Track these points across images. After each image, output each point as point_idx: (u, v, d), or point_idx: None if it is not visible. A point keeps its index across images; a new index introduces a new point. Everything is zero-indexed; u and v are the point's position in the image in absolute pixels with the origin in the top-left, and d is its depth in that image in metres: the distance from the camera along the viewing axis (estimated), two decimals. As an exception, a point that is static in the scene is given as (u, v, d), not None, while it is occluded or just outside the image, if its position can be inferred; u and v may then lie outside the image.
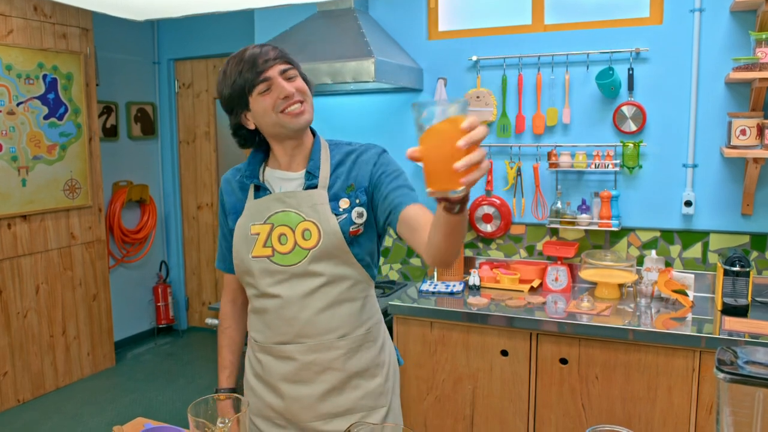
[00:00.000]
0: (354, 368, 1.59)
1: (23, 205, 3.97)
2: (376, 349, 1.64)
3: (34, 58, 3.98)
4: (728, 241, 2.83)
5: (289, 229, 1.54)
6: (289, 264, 1.54)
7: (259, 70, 1.47)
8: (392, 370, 1.71)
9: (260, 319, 1.62)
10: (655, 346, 2.39)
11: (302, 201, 1.55)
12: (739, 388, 0.95)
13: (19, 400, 4.02)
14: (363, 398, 1.61)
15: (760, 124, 2.54)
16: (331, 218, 1.53)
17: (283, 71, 1.49)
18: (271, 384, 1.62)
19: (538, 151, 3.07)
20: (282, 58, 1.50)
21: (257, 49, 1.50)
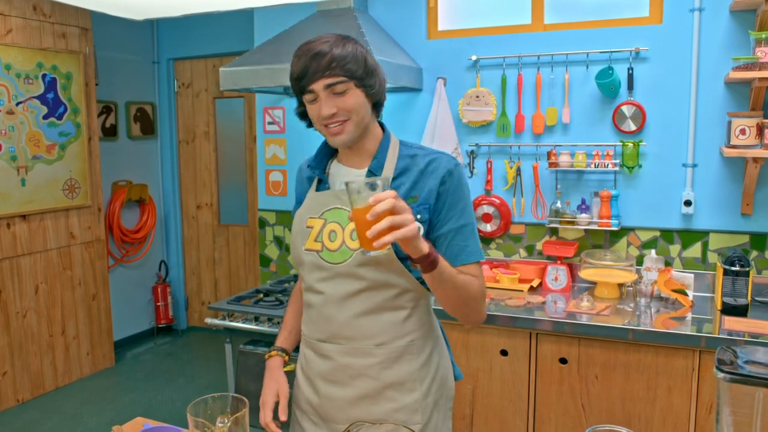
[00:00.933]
0: (390, 379, 1.54)
1: (22, 205, 3.96)
2: (418, 363, 1.55)
3: (34, 57, 3.98)
4: (728, 241, 2.83)
5: (339, 227, 1.51)
6: (335, 262, 1.51)
7: (304, 84, 1.44)
8: (437, 386, 1.61)
9: (307, 312, 1.61)
10: (655, 345, 2.39)
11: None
12: (739, 388, 0.94)
13: (19, 400, 4.02)
14: (397, 411, 1.55)
15: (760, 123, 2.54)
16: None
17: (329, 85, 1.43)
18: (310, 379, 1.61)
19: (537, 150, 3.07)
20: (331, 70, 1.42)
21: (306, 59, 1.43)
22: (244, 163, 5.14)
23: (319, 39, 1.45)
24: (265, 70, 2.92)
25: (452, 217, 1.49)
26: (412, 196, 1.49)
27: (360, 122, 1.48)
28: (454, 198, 1.50)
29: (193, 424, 1.19)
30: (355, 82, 1.44)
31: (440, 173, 1.49)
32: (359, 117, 1.47)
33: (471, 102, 3.13)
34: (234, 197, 5.25)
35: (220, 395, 1.26)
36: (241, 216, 5.21)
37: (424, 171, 1.51)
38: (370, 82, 1.47)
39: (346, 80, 1.43)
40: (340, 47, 1.43)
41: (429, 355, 1.59)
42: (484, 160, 3.18)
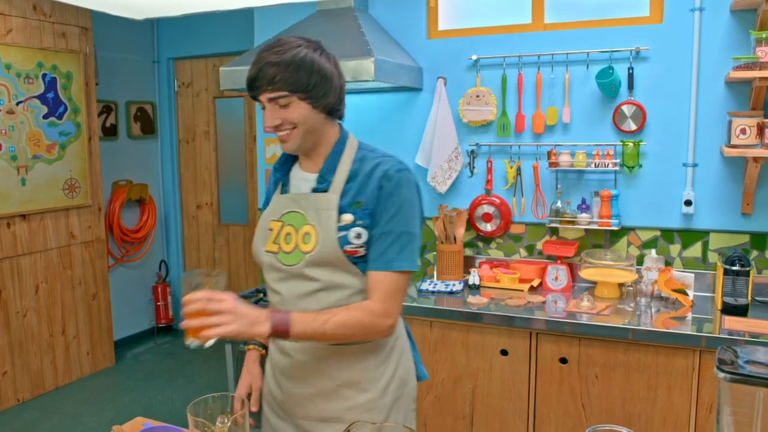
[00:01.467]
0: (344, 378, 1.57)
1: (22, 205, 3.96)
2: (373, 363, 1.59)
3: (34, 57, 3.98)
4: (728, 241, 2.83)
5: (294, 230, 1.55)
6: (289, 264, 1.55)
7: (252, 95, 1.50)
8: (395, 386, 1.63)
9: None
10: (655, 345, 2.39)
11: (310, 204, 1.54)
12: (739, 388, 0.94)
13: (19, 400, 4.02)
14: (351, 410, 1.57)
15: (760, 123, 2.53)
16: (331, 226, 1.50)
17: (272, 99, 1.47)
18: (274, 374, 1.66)
19: (537, 150, 3.06)
20: (274, 85, 1.45)
21: (255, 70, 1.47)
22: (244, 163, 5.14)
23: (272, 47, 1.48)
24: (265, 70, 2.92)
25: (381, 221, 1.50)
26: (357, 202, 1.51)
27: (308, 131, 1.51)
28: (387, 203, 1.50)
29: (193, 423, 1.19)
30: (299, 96, 1.46)
31: (379, 176, 1.51)
32: (305, 127, 1.50)
33: (471, 101, 3.12)
34: (234, 197, 5.25)
35: (220, 395, 1.26)
36: (241, 215, 5.20)
37: (370, 175, 1.52)
38: (317, 93, 1.48)
39: (288, 95, 1.45)
40: (289, 55, 1.44)
41: (386, 356, 1.62)
42: (484, 160, 3.18)
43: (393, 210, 1.50)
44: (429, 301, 2.79)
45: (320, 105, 1.50)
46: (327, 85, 1.49)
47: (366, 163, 1.54)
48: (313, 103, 1.48)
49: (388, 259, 1.49)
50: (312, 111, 1.49)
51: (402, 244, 1.50)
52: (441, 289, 2.93)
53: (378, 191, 1.50)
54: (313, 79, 1.46)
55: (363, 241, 1.50)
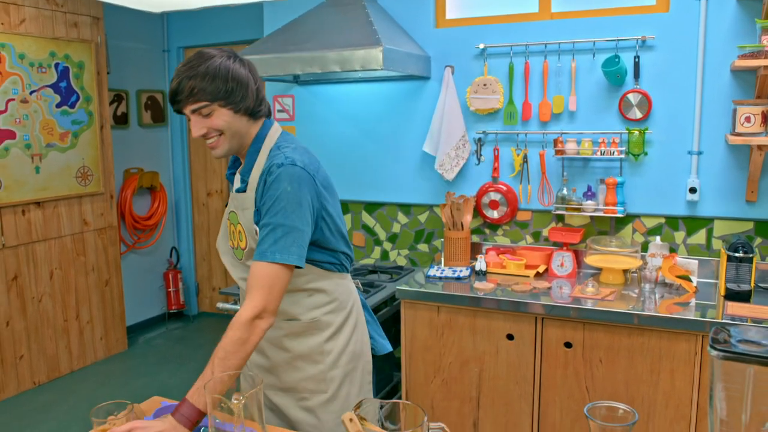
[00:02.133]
0: (297, 351, 1.72)
1: (37, 192, 4.03)
2: (322, 337, 1.72)
3: (47, 46, 4.03)
4: (732, 228, 2.86)
5: (235, 228, 1.71)
6: (239, 258, 1.74)
7: (175, 108, 1.59)
8: (346, 359, 1.76)
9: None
10: (658, 330, 2.43)
11: (238, 203, 1.67)
12: (731, 365, 0.99)
13: (35, 383, 4.11)
14: (304, 380, 1.73)
15: (765, 111, 2.56)
16: (252, 225, 1.63)
17: (195, 110, 1.55)
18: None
19: (544, 138, 3.10)
20: (194, 96, 1.52)
21: (174, 85, 1.55)
22: (253, 151, 5.19)
23: (189, 62, 1.55)
24: (276, 59, 2.97)
25: (262, 214, 1.57)
26: (258, 199, 1.62)
27: (233, 135, 1.60)
28: (266, 196, 1.57)
29: (210, 400, 1.25)
30: (219, 103, 1.55)
31: (265, 170, 1.59)
32: (230, 132, 1.59)
33: (478, 90, 3.16)
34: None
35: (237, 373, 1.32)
36: (251, 203, 5.26)
37: (268, 174, 1.59)
38: (235, 98, 1.56)
39: (209, 104, 1.54)
40: (203, 68, 1.52)
41: (336, 331, 1.74)
42: (491, 148, 3.21)
43: (270, 202, 1.55)
44: (436, 286, 2.84)
45: (240, 109, 1.59)
46: (244, 90, 1.58)
47: (267, 160, 1.61)
48: (234, 108, 1.57)
49: (262, 251, 1.52)
50: (234, 116, 1.58)
51: (277, 236, 1.52)
52: (448, 275, 2.98)
53: (263, 186, 1.58)
54: (229, 85, 1.55)
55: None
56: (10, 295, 3.94)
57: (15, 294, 3.96)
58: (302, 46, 2.96)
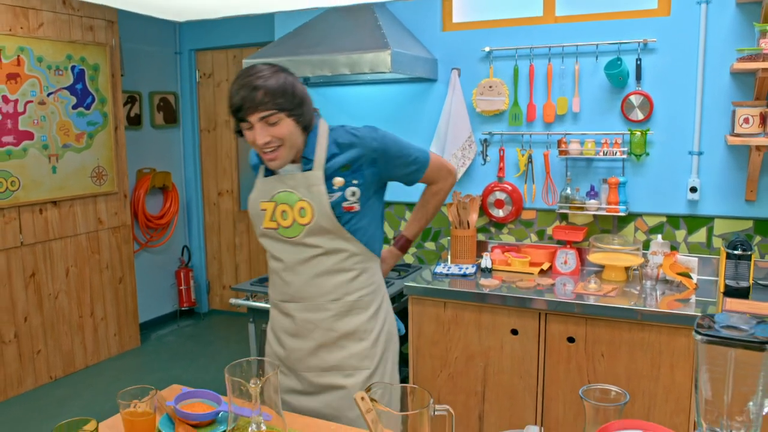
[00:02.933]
0: (342, 330, 1.82)
1: (53, 192, 4.14)
2: (366, 316, 1.84)
3: (63, 50, 4.14)
4: (732, 226, 2.93)
5: (288, 207, 1.77)
6: (290, 236, 1.79)
7: (241, 115, 1.67)
8: (384, 337, 1.89)
9: (271, 278, 1.89)
10: (659, 325, 2.50)
11: (299, 182, 1.76)
12: (714, 349, 1.07)
13: (52, 377, 4.22)
14: (349, 358, 1.83)
15: (763, 112, 2.62)
16: (323, 198, 1.74)
17: (263, 117, 1.66)
18: (277, 334, 1.88)
19: (548, 138, 3.18)
20: (265, 104, 1.64)
21: (244, 93, 1.64)
22: (263, 152, 5.28)
23: (255, 73, 1.67)
24: (287, 62, 3.05)
25: (393, 162, 1.85)
26: (345, 165, 1.78)
27: (292, 146, 1.74)
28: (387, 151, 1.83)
29: (230, 383, 1.33)
30: (286, 113, 1.68)
31: (369, 142, 1.81)
32: (291, 142, 1.72)
33: (484, 92, 3.24)
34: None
35: (254, 359, 1.40)
36: (261, 203, 5.35)
37: (354, 143, 1.80)
38: (299, 111, 1.71)
39: (277, 112, 1.66)
40: (273, 80, 1.65)
41: (376, 310, 1.87)
42: (496, 148, 3.29)
43: (394, 149, 1.84)
44: (443, 283, 2.92)
45: (302, 122, 1.73)
46: (305, 105, 1.74)
47: (341, 138, 1.80)
48: (296, 120, 1.71)
49: (423, 151, 1.94)
50: (296, 127, 1.72)
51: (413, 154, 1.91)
52: (455, 272, 3.06)
53: (374, 154, 1.79)
54: (296, 99, 1.69)
55: (357, 197, 1.78)
56: (28, 292, 4.05)
57: (32, 291, 4.07)
58: (313, 49, 3.05)
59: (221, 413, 1.57)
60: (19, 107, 3.89)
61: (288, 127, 1.69)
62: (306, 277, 1.80)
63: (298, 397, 1.87)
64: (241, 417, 1.39)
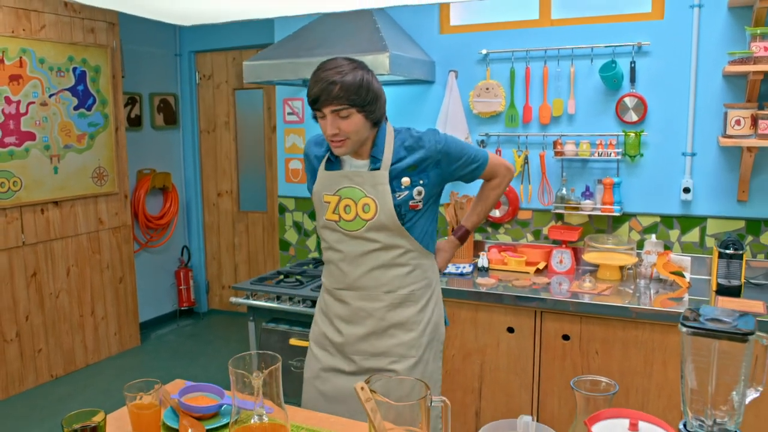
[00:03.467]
0: (393, 320, 1.92)
1: (55, 192, 4.18)
2: (416, 308, 1.94)
3: (65, 51, 4.18)
4: (725, 226, 2.98)
5: (352, 202, 1.88)
6: (350, 230, 1.89)
7: (317, 107, 1.78)
8: (431, 329, 1.99)
9: (327, 267, 2.00)
10: (652, 323, 2.55)
11: (366, 180, 1.87)
12: (699, 340, 1.11)
13: (53, 376, 4.26)
14: (397, 346, 1.93)
15: (754, 114, 2.68)
16: (387, 197, 1.85)
17: (335, 110, 1.76)
18: (330, 319, 2.00)
19: (544, 140, 3.23)
20: (339, 99, 1.74)
21: (322, 86, 1.74)
22: (262, 152, 5.33)
23: (335, 67, 1.77)
24: (287, 64, 3.10)
25: (456, 162, 1.96)
26: (411, 166, 1.88)
27: (358, 140, 1.83)
28: (450, 154, 1.93)
29: (234, 375, 1.38)
30: (357, 109, 1.78)
31: (432, 144, 1.91)
32: (357, 137, 1.82)
33: (481, 94, 3.29)
34: (253, 185, 5.45)
35: (256, 352, 1.44)
36: (260, 203, 5.40)
37: (418, 145, 1.91)
38: (371, 108, 1.80)
39: (349, 107, 1.76)
40: (350, 77, 1.75)
41: (426, 303, 1.97)
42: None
43: (455, 151, 1.95)
44: (441, 282, 2.96)
45: (372, 118, 1.83)
46: (379, 102, 1.84)
47: (407, 141, 1.91)
48: (367, 116, 1.81)
49: (483, 154, 2.04)
50: (365, 122, 1.81)
51: (473, 153, 2.01)
52: (452, 271, 3.10)
53: (438, 156, 1.90)
54: (369, 96, 1.79)
55: (422, 196, 1.89)
56: (29, 291, 4.09)
57: (34, 290, 4.11)
58: (313, 51, 3.09)
59: (224, 406, 1.62)
60: (21, 108, 3.93)
61: (357, 121, 1.79)
62: (363, 269, 1.90)
63: (342, 377, 1.98)
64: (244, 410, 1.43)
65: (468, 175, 2.03)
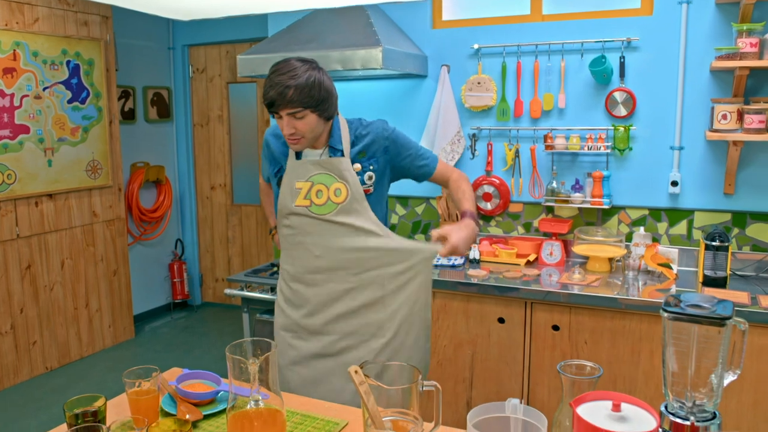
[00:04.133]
0: (362, 300, 2.03)
1: (49, 185, 4.20)
2: (385, 291, 2.04)
3: (59, 44, 4.19)
4: (712, 219, 3.03)
5: (325, 187, 2.00)
6: (321, 213, 2.00)
7: (273, 110, 1.91)
8: (404, 312, 2.07)
9: (291, 253, 2.09)
10: (639, 314, 2.60)
11: (335, 166, 2.00)
12: (679, 325, 1.16)
13: (47, 368, 4.28)
14: (366, 326, 2.05)
15: (740, 109, 2.73)
16: (357, 180, 2.00)
17: (291, 113, 1.89)
18: (299, 305, 2.07)
19: (535, 134, 3.27)
20: (293, 103, 1.86)
21: (276, 92, 1.86)
22: (256, 146, 5.36)
23: (289, 70, 1.88)
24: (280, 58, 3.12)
25: (404, 153, 2.10)
26: (361, 152, 2.04)
27: (313, 137, 1.97)
28: (398, 145, 2.08)
29: (231, 361, 1.41)
30: (311, 110, 1.90)
31: (381, 132, 2.06)
32: (312, 134, 1.96)
33: (473, 88, 3.32)
34: (246, 178, 5.47)
35: (252, 339, 1.48)
36: (254, 196, 5.43)
37: (368, 133, 2.06)
38: (324, 106, 1.93)
39: (303, 109, 1.89)
40: (303, 79, 1.86)
41: (399, 287, 2.05)
42: (484, 143, 3.38)
43: (403, 141, 2.10)
44: (433, 274, 3.00)
45: (325, 115, 1.95)
46: (331, 99, 1.95)
47: (358, 129, 2.07)
48: (320, 114, 1.93)
49: (432, 158, 2.17)
50: (318, 120, 1.94)
51: (422, 150, 2.15)
52: (444, 263, 3.15)
53: (385, 142, 2.06)
54: (322, 95, 1.91)
55: (373, 181, 2.04)
56: (24, 284, 4.11)
57: (28, 282, 4.13)
58: (306, 46, 3.12)
59: (221, 393, 1.65)
60: (15, 101, 3.94)
61: (312, 120, 1.92)
62: (333, 252, 2.00)
63: (321, 360, 2.08)
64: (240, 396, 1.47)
65: (418, 170, 2.13)
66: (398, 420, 1.24)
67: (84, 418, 1.35)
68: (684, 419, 1.16)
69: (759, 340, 2.43)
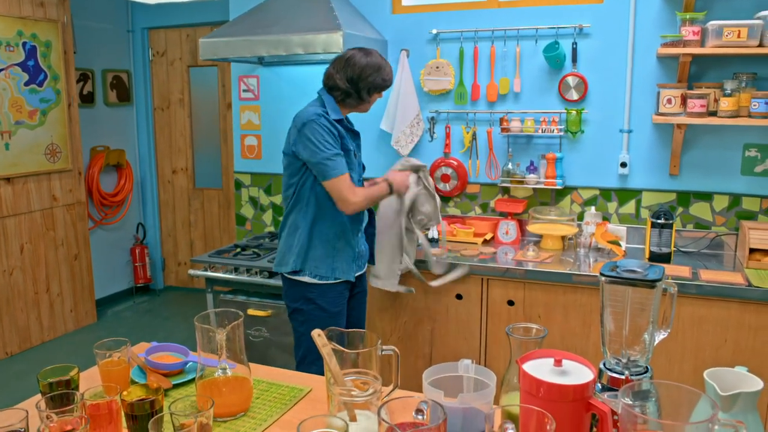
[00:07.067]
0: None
1: (7, 168, 4.15)
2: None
3: (14, 25, 4.13)
4: (658, 198, 3.19)
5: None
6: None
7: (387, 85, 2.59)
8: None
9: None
10: (590, 288, 2.74)
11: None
12: (614, 288, 1.27)
13: (8, 353, 4.26)
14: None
15: (684, 94, 2.87)
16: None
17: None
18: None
19: (491, 117, 3.38)
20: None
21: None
22: (217, 130, 5.36)
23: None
24: (243, 41, 3.16)
25: (305, 151, 2.48)
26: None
27: None
28: (301, 142, 2.49)
29: (200, 330, 1.48)
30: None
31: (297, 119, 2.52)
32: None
33: (431, 72, 3.41)
34: (208, 162, 5.47)
35: (220, 310, 1.55)
36: (216, 180, 5.44)
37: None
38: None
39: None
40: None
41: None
42: (443, 126, 3.48)
43: (308, 137, 2.47)
44: (393, 252, 3.09)
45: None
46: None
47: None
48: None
49: (330, 171, 2.47)
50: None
51: (324, 157, 2.44)
52: (404, 243, 3.24)
53: (295, 129, 2.52)
54: None
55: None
56: (-18, 268, 4.07)
57: (-13, 267, 4.10)
58: (268, 29, 3.16)
59: (189, 363, 1.72)
60: (-30, 83, 3.88)
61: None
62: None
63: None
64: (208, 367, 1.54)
65: (315, 170, 2.45)
66: (358, 379, 1.33)
67: (58, 386, 1.40)
68: (620, 374, 1.27)
69: (698, 311, 2.59)
